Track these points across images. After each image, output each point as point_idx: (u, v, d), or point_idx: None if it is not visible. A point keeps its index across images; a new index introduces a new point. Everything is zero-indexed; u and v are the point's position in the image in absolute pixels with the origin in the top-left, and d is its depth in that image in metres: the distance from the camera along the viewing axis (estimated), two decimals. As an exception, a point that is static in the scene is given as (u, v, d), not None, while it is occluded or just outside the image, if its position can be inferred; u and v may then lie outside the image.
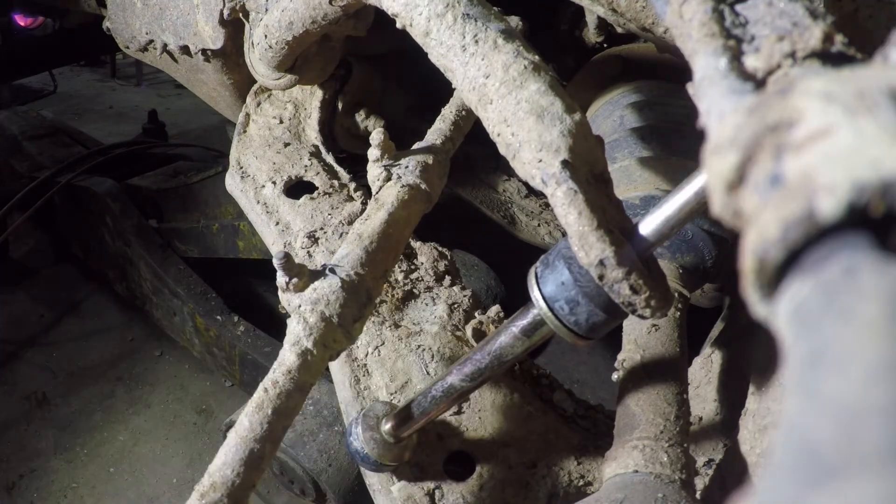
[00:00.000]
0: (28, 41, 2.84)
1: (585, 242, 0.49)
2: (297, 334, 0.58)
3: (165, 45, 1.24)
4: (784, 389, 0.22)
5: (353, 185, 1.04)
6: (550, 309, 0.54)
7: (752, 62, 0.37)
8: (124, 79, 5.57)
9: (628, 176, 0.96)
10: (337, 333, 0.60)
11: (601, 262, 0.49)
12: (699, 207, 0.48)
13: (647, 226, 0.51)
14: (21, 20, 2.81)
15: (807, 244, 0.25)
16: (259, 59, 1.00)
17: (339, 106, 1.21)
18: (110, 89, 5.44)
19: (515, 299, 0.62)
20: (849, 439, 0.19)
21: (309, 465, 1.38)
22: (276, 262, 0.61)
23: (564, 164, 0.52)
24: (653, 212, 0.51)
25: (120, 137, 3.11)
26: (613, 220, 0.52)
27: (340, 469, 1.39)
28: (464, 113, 0.84)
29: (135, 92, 5.36)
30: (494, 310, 0.88)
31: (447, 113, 0.85)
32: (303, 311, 0.60)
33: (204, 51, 1.16)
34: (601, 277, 0.49)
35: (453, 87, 0.63)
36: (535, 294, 0.56)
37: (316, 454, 1.39)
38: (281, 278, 0.61)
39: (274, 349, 1.92)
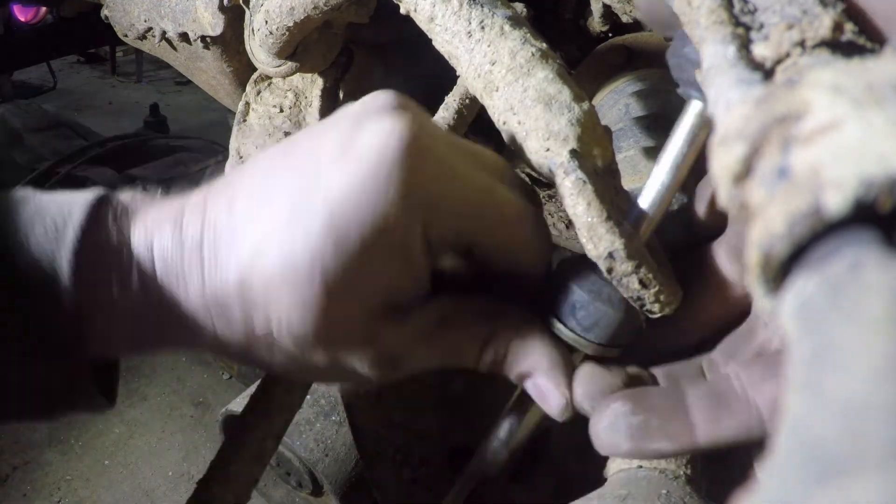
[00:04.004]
0: (28, 32, 2.83)
1: (594, 234, 0.48)
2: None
3: (164, 33, 1.23)
4: (788, 386, 0.22)
5: (354, 176, 1.02)
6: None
7: (760, 51, 0.36)
8: (124, 76, 5.58)
9: (633, 167, 0.95)
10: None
11: (610, 255, 0.48)
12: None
13: (645, 199, 0.50)
14: (21, 15, 2.80)
15: (813, 239, 0.25)
16: (259, 45, 0.99)
17: (341, 94, 1.19)
18: (110, 86, 5.45)
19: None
20: (853, 437, 0.19)
21: (305, 454, 1.37)
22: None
23: (573, 153, 0.51)
24: (647, 182, 0.50)
25: (120, 133, 3.11)
26: (622, 212, 0.51)
27: (337, 459, 1.39)
28: (467, 101, 0.83)
29: (135, 88, 5.37)
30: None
31: (450, 101, 0.83)
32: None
33: (203, 38, 1.15)
34: (610, 270, 0.48)
35: (457, 74, 0.62)
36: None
37: (312, 444, 1.38)
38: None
39: (272, 340, 1.91)
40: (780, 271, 0.26)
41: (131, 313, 0.45)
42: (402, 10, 0.66)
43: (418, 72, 1.50)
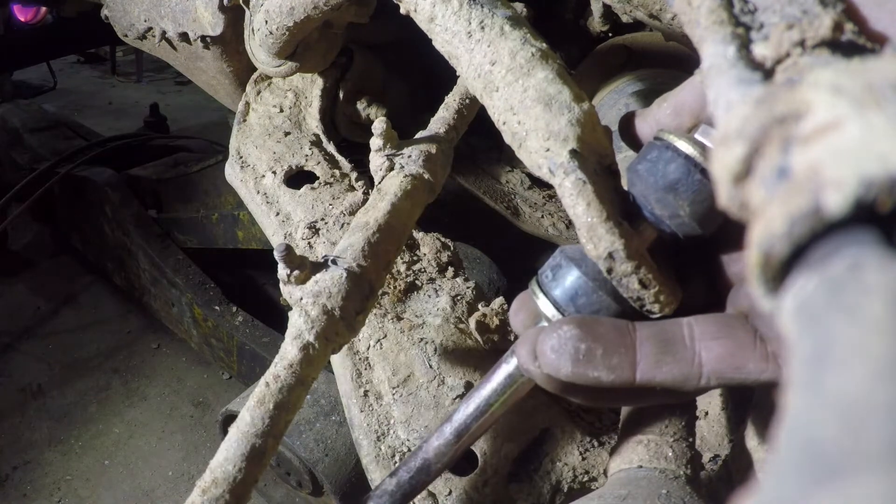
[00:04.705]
0: (28, 32, 2.83)
1: (594, 234, 0.48)
2: (299, 328, 0.57)
3: (164, 33, 1.23)
4: (788, 385, 0.23)
5: (354, 175, 1.03)
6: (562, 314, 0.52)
7: (760, 50, 0.36)
8: (124, 75, 5.58)
9: (634, 167, 0.95)
10: (339, 326, 0.59)
11: (610, 255, 0.47)
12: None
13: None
14: (21, 15, 2.80)
15: (813, 239, 0.25)
16: (259, 45, 0.99)
17: (341, 94, 1.20)
18: (110, 86, 5.45)
19: (518, 293, 0.61)
20: (853, 437, 0.19)
21: (305, 454, 1.37)
22: (277, 255, 0.59)
23: (573, 153, 0.51)
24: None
25: (120, 132, 3.11)
26: (621, 212, 0.51)
27: (337, 459, 1.39)
28: (467, 101, 0.83)
29: (135, 88, 5.37)
30: (498, 302, 0.87)
31: (451, 101, 0.83)
32: (304, 303, 0.59)
33: (203, 38, 1.15)
34: (610, 270, 0.48)
35: (458, 74, 0.62)
36: (542, 305, 0.53)
37: (312, 444, 1.38)
38: (282, 271, 0.60)
39: (272, 340, 1.92)
40: (780, 271, 0.26)
41: None
42: (403, 10, 0.66)
43: (417, 73, 1.50)
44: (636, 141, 0.57)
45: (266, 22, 0.92)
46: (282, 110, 1.15)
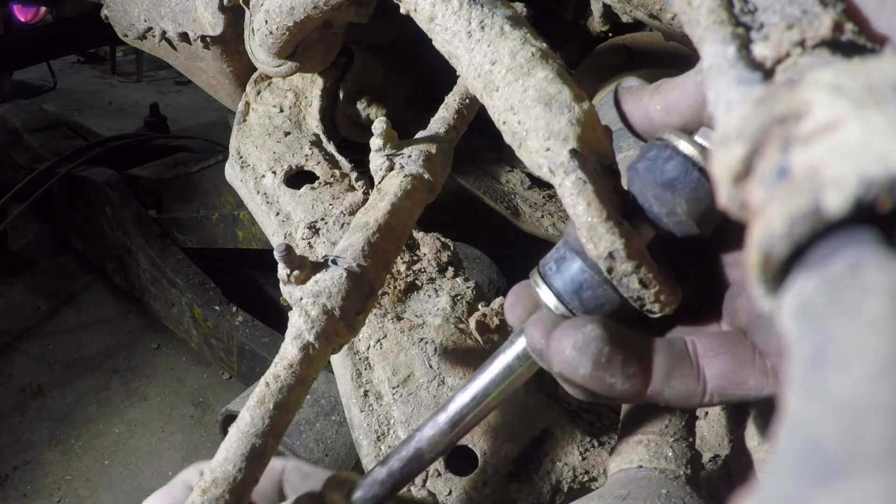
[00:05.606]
0: (28, 32, 2.83)
1: (594, 234, 0.48)
2: (299, 328, 0.57)
3: (164, 33, 1.23)
4: (788, 385, 0.23)
5: (354, 175, 1.03)
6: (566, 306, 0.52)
7: (760, 50, 0.36)
8: (124, 75, 5.57)
9: (634, 167, 0.95)
10: (339, 326, 0.59)
11: (610, 255, 0.47)
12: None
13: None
14: (21, 15, 2.80)
15: (813, 239, 0.25)
16: (259, 45, 0.99)
17: (341, 94, 1.20)
18: (110, 86, 5.45)
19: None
20: (853, 437, 0.19)
21: (305, 454, 1.37)
22: (277, 255, 0.59)
23: (573, 153, 0.51)
24: None
25: (120, 132, 3.11)
26: (621, 211, 0.51)
27: (337, 459, 1.39)
28: (467, 101, 0.83)
29: (135, 88, 5.37)
30: (498, 302, 0.87)
31: (451, 101, 0.83)
32: (304, 303, 0.59)
33: (203, 38, 1.15)
34: (610, 270, 0.48)
35: (458, 74, 0.62)
36: (544, 296, 0.53)
37: (312, 444, 1.38)
38: (282, 270, 0.60)
39: (272, 340, 1.92)
40: (780, 271, 0.26)
41: None
42: (403, 10, 0.66)
43: (417, 73, 1.50)
44: (624, 118, 0.57)
45: (266, 22, 0.92)
46: (282, 110, 1.15)
